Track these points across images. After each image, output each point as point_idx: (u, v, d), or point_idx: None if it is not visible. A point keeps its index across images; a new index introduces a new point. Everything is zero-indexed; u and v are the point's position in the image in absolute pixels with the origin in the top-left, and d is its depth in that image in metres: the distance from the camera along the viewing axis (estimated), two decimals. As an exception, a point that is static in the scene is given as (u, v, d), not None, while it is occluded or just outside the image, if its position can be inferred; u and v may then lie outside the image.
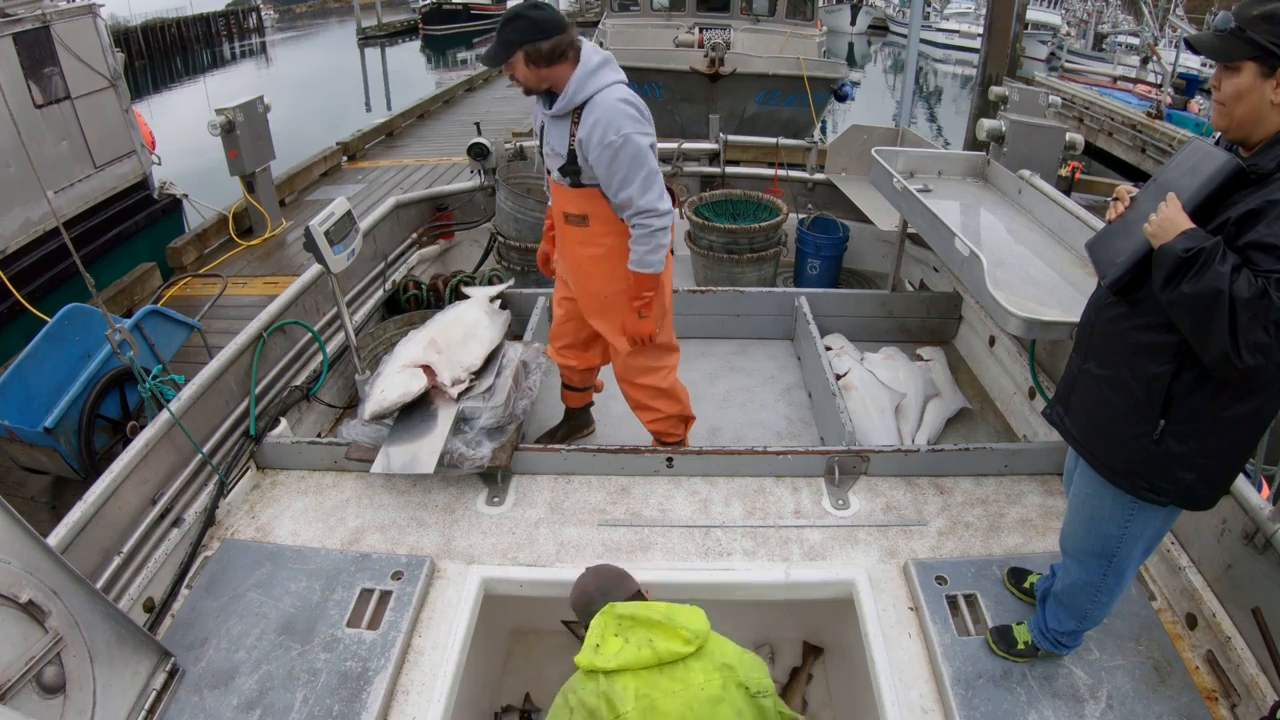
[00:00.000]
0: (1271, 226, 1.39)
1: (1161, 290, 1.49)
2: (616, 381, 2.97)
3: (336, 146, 9.70)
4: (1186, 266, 1.44)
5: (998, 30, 9.96)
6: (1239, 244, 1.43)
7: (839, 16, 32.64)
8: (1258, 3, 1.45)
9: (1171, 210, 1.52)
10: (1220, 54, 1.49)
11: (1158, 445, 1.60)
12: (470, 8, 34.83)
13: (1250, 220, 1.43)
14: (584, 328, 2.91)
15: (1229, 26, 1.47)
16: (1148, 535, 1.78)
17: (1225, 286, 1.39)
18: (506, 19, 2.39)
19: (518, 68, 2.42)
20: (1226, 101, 1.50)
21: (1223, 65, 1.49)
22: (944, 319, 4.06)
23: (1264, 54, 1.42)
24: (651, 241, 2.48)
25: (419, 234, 4.71)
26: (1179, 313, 1.48)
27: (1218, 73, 1.51)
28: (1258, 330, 1.37)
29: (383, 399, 2.70)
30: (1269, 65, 1.42)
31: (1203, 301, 1.42)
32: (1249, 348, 1.39)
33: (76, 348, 3.86)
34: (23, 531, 1.72)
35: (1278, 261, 1.38)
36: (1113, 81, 16.78)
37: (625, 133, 2.34)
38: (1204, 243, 1.44)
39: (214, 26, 34.69)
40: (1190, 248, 1.44)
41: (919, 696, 2.03)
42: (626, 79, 2.49)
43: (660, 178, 2.47)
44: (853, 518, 2.57)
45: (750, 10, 11.90)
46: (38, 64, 5.70)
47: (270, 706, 1.97)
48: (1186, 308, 1.45)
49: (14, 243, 5.48)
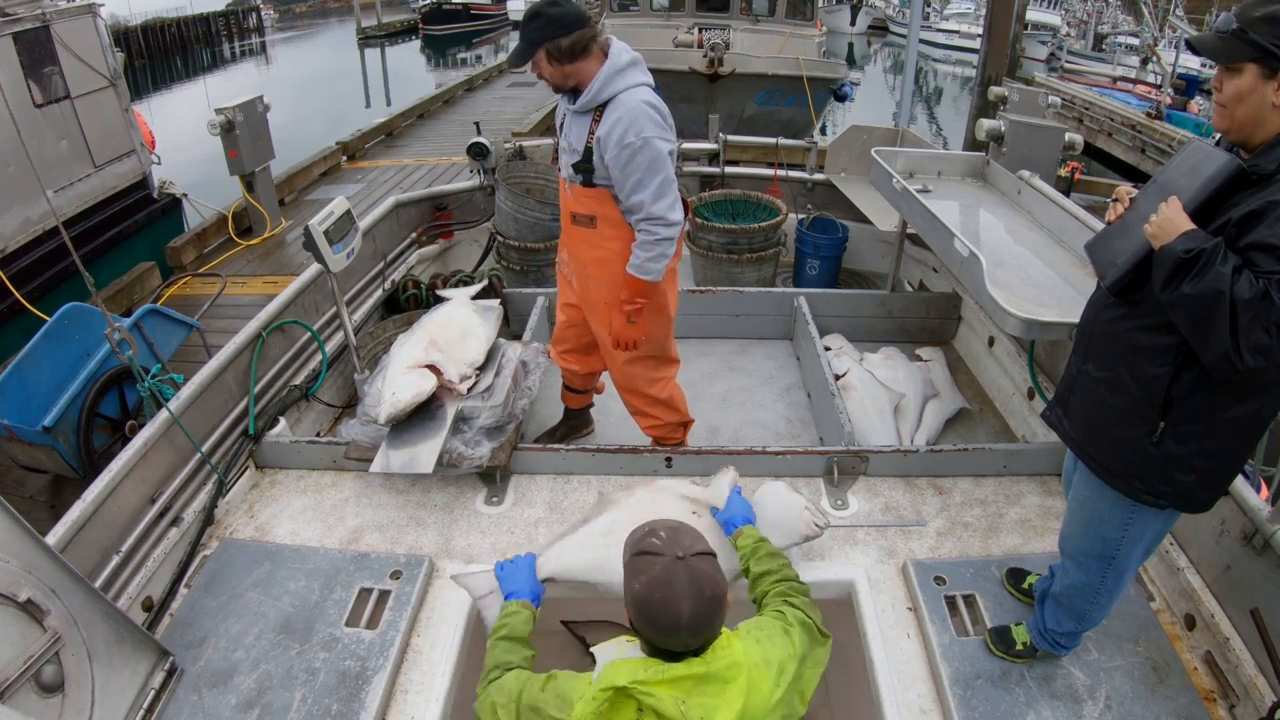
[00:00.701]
0: (1273, 227, 1.39)
1: (1162, 291, 1.49)
2: (615, 388, 2.97)
3: (336, 146, 9.70)
4: (1187, 267, 1.44)
5: (997, 30, 9.96)
6: (1240, 245, 1.43)
7: (838, 17, 32.67)
8: (1260, 3, 1.44)
9: (1172, 211, 1.51)
10: (1221, 55, 1.48)
11: (1157, 447, 1.60)
12: (470, 7, 34.85)
13: (1251, 221, 1.43)
14: (586, 333, 2.91)
15: (1230, 28, 1.47)
16: (1147, 538, 1.77)
17: (1226, 287, 1.39)
18: (527, 18, 2.37)
19: (542, 66, 2.40)
20: (1227, 103, 1.49)
21: (1224, 67, 1.49)
22: (943, 319, 4.06)
23: (1265, 56, 1.42)
24: (655, 249, 2.44)
25: (418, 233, 4.71)
26: (1179, 314, 1.48)
27: (1219, 74, 1.50)
28: (1259, 331, 1.37)
29: (396, 401, 2.61)
30: (1270, 67, 1.42)
31: (1203, 302, 1.41)
32: (1250, 349, 1.39)
33: (76, 347, 3.87)
34: (21, 530, 1.72)
35: (1278, 262, 1.38)
36: (1112, 82, 16.80)
37: (646, 135, 2.32)
38: (1205, 244, 1.43)
39: (214, 26, 34.68)
40: (1191, 248, 1.44)
41: (917, 697, 2.04)
42: (654, 83, 2.46)
43: (675, 186, 2.45)
44: (851, 518, 2.57)
45: (750, 10, 11.90)
46: (37, 63, 5.70)
47: (269, 706, 1.97)
48: (1187, 309, 1.45)
49: (13, 242, 5.48)
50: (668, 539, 1.47)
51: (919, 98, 22.89)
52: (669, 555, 1.43)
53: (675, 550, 1.44)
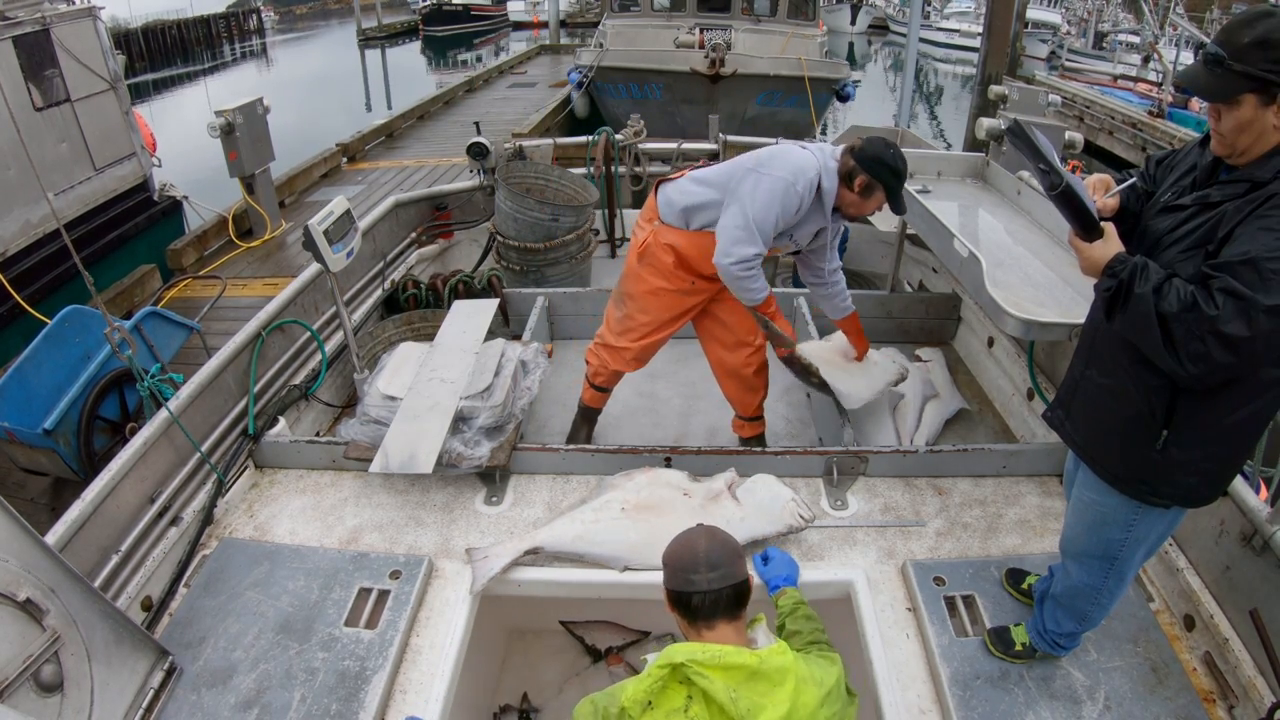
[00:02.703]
0: (1254, 239, 1.38)
1: (1108, 323, 1.54)
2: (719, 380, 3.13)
3: (336, 148, 9.70)
4: (1114, 301, 1.48)
5: (997, 29, 9.98)
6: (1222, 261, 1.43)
7: (839, 16, 32.68)
8: (1245, 25, 1.38)
9: (1087, 253, 1.54)
10: (1217, 95, 1.42)
11: (1160, 454, 1.60)
12: (470, 9, 34.88)
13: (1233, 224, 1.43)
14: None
15: (1217, 56, 1.40)
16: (1150, 538, 1.77)
17: (1151, 309, 1.41)
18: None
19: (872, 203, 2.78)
20: (1227, 134, 1.45)
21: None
22: (943, 320, 4.06)
23: (1262, 84, 1.36)
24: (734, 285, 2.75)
25: (418, 233, 4.71)
26: (1130, 337, 1.51)
27: (1214, 106, 1.45)
28: (1194, 341, 1.38)
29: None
30: (1269, 94, 1.37)
31: (1138, 326, 1.45)
32: (1189, 358, 1.40)
33: (76, 349, 3.87)
34: (21, 530, 1.72)
35: (1246, 269, 1.35)
36: (1113, 80, 16.76)
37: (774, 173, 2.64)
38: (1121, 273, 1.47)
39: (214, 28, 34.74)
40: (1110, 286, 1.48)
41: (917, 697, 2.03)
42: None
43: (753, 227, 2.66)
44: (851, 518, 2.57)
45: (751, 11, 11.87)
46: (38, 66, 5.71)
47: (268, 705, 1.97)
48: (1129, 333, 1.50)
49: (14, 245, 5.49)
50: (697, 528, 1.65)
51: (919, 97, 22.88)
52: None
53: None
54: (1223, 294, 1.36)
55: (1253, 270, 1.34)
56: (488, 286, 4.02)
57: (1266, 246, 1.35)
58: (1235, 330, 1.34)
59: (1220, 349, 1.36)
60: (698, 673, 1.42)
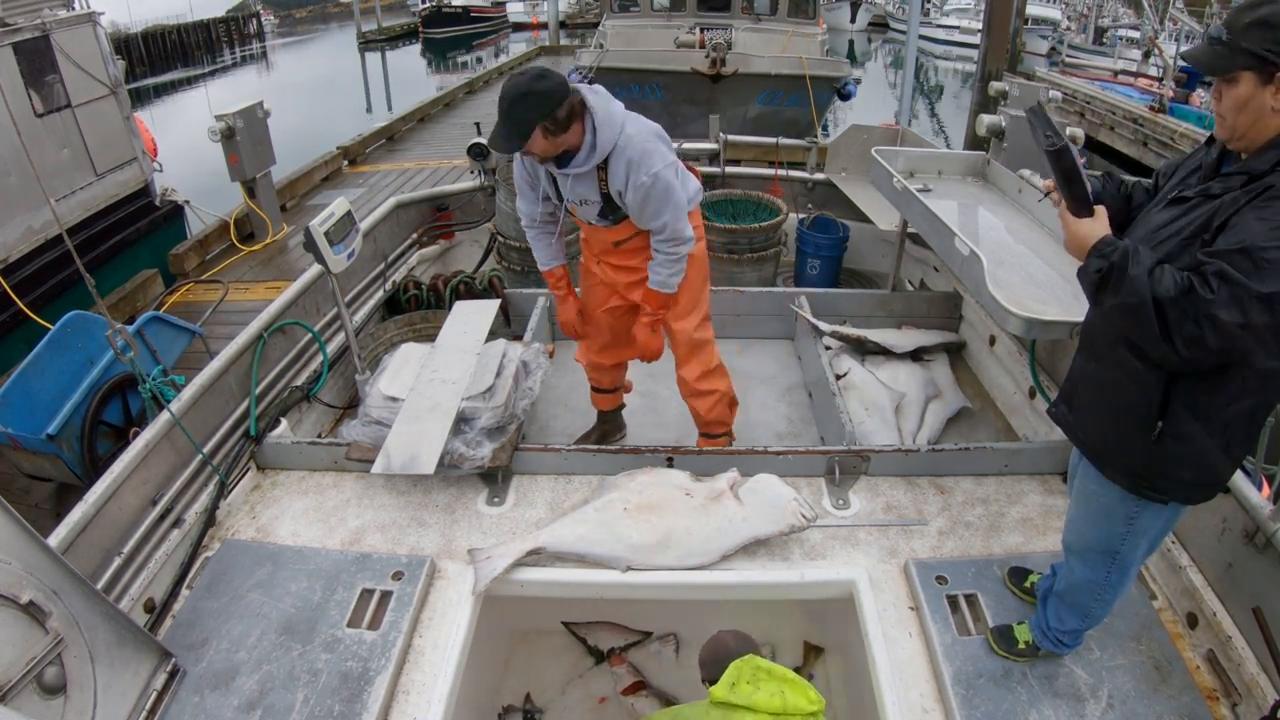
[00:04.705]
0: (1246, 229, 1.39)
1: (1093, 306, 1.53)
2: (677, 382, 3.00)
3: (337, 151, 9.71)
4: (1104, 283, 1.48)
5: (997, 26, 9.96)
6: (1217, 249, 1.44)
7: (839, 14, 32.65)
8: (1248, 7, 1.42)
9: (1074, 229, 1.54)
10: (1216, 69, 1.46)
11: (1156, 445, 1.60)
12: (470, 11, 34.90)
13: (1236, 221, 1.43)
14: (625, 326, 2.94)
15: (1221, 36, 1.44)
16: (1152, 533, 1.77)
17: (1146, 292, 1.41)
18: (513, 100, 2.22)
19: (535, 143, 2.31)
20: (1227, 113, 1.48)
21: (1221, 79, 1.47)
22: (944, 319, 4.06)
23: (1260, 62, 1.40)
24: (676, 266, 2.62)
25: (419, 234, 4.72)
26: (1116, 321, 1.51)
27: (1217, 86, 1.49)
28: (1189, 324, 1.39)
29: None
30: (1267, 73, 1.40)
31: (1130, 309, 1.45)
32: (1184, 342, 1.41)
33: (78, 355, 3.88)
34: (23, 532, 1.73)
35: (1240, 257, 1.37)
36: (1114, 76, 16.71)
37: (654, 170, 2.38)
38: (1112, 255, 1.47)
39: (214, 32, 34.81)
40: (1101, 267, 1.48)
41: (919, 696, 2.03)
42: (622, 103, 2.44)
43: (685, 206, 2.55)
44: (853, 518, 2.57)
45: (751, 9, 11.85)
46: (38, 73, 5.72)
47: (271, 707, 1.97)
48: (1119, 317, 1.49)
49: (16, 251, 5.49)
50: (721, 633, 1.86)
51: (920, 94, 22.86)
52: None
53: None
54: (1217, 279, 1.37)
55: (1247, 259, 1.36)
56: (489, 287, 4.03)
57: (1262, 236, 1.36)
58: (1229, 316, 1.35)
59: (1214, 333, 1.37)
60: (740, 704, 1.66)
